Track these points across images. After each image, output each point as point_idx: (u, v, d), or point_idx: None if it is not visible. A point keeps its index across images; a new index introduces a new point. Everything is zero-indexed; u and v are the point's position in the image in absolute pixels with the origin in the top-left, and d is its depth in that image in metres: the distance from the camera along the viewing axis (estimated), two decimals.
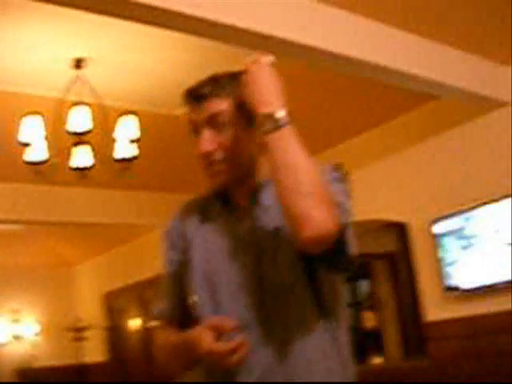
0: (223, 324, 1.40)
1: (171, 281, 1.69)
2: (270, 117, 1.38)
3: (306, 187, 1.32)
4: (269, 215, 1.55)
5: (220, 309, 1.53)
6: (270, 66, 1.47)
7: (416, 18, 3.89)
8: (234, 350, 1.36)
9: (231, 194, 1.62)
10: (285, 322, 1.49)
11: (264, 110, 1.39)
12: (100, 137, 4.40)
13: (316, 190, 1.33)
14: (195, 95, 1.55)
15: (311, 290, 1.51)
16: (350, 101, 5.14)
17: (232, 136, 1.53)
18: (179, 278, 1.65)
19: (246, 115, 1.49)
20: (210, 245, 1.60)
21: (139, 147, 4.47)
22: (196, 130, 1.56)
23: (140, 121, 4.41)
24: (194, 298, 1.59)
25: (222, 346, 1.37)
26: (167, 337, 1.66)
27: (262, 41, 3.34)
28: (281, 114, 1.38)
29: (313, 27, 3.50)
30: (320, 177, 1.37)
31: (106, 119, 4.41)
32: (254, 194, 1.59)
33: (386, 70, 3.84)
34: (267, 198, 1.56)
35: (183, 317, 1.66)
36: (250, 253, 1.54)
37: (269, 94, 1.41)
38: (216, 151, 1.53)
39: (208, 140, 1.53)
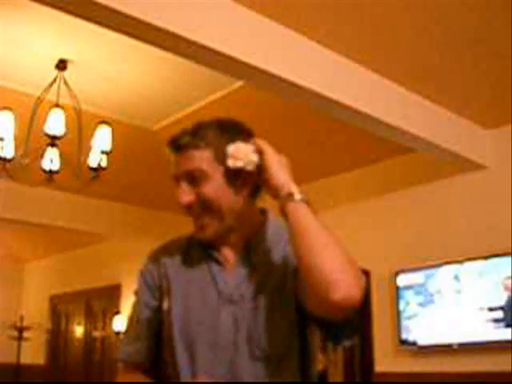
0: None
1: (144, 325, 1.62)
2: (293, 195, 1.41)
3: (335, 250, 1.33)
4: (259, 273, 1.52)
5: (196, 363, 1.47)
6: None
7: (408, 72, 3.89)
8: None
9: (218, 244, 1.57)
10: None
11: (288, 189, 1.42)
12: (71, 140, 4.30)
13: (344, 253, 1.33)
14: (174, 145, 1.52)
15: (301, 362, 1.49)
16: (327, 141, 5.11)
17: (211, 188, 1.49)
18: (153, 322, 1.60)
19: (226, 167, 1.49)
20: (190, 295, 1.54)
21: (109, 157, 4.38)
22: (176, 180, 1.53)
23: (114, 130, 4.33)
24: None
25: None
26: (137, 379, 1.60)
27: (248, 71, 3.28)
28: (301, 194, 1.42)
29: (299, 64, 3.46)
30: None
31: (80, 124, 4.32)
32: (244, 249, 1.55)
33: (367, 118, 3.81)
34: (257, 254, 1.54)
35: (151, 361, 1.61)
36: (233, 311, 1.48)
37: (289, 175, 1.46)
38: (195, 203, 1.50)
39: (185, 192, 1.50)
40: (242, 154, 1.47)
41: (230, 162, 1.47)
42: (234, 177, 1.50)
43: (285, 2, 3.17)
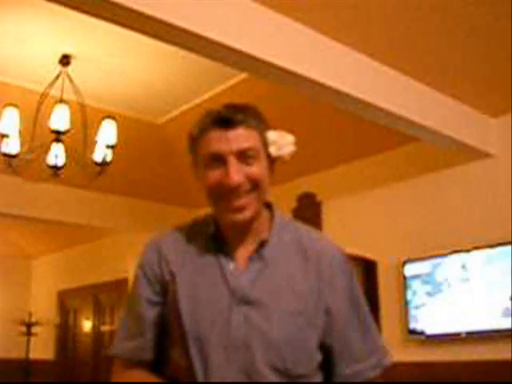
0: None
1: (146, 321, 1.50)
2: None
3: None
4: (272, 271, 1.44)
5: (208, 364, 1.38)
6: None
7: (410, 60, 3.87)
8: None
9: (229, 237, 1.49)
10: None
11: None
12: (76, 135, 4.31)
13: None
14: (224, 120, 1.41)
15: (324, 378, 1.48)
16: (332, 131, 5.10)
17: (262, 168, 1.44)
18: (156, 319, 1.50)
19: (267, 153, 1.46)
20: (199, 292, 1.44)
21: (114, 151, 4.38)
22: (218, 158, 1.41)
23: (118, 125, 4.33)
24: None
25: None
26: (145, 377, 1.50)
27: (252, 63, 3.26)
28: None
29: (301, 54, 3.43)
30: None
31: (84, 119, 4.32)
32: (256, 244, 1.47)
33: (371, 107, 3.79)
34: (268, 250, 1.47)
35: (153, 358, 1.52)
36: (245, 310, 1.40)
37: None
38: (244, 182, 1.41)
39: (237, 170, 1.40)
40: (281, 143, 1.47)
41: (273, 150, 1.46)
42: (271, 162, 1.48)
43: None
